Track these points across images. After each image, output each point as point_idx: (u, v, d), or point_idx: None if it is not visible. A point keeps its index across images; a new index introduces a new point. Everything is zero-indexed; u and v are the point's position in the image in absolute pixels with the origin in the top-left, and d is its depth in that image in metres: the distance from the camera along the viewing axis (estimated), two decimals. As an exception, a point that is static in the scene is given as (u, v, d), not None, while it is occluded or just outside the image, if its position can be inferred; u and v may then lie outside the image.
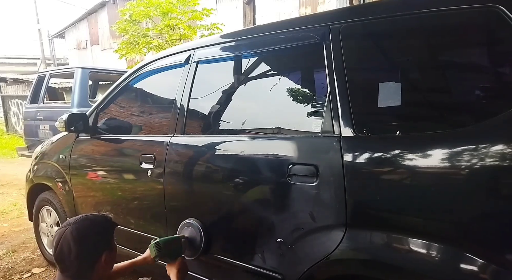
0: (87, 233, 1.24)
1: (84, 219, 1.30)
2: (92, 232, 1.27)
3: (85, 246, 1.22)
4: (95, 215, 1.37)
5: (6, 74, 15.41)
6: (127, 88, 2.26)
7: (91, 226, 1.28)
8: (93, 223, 1.30)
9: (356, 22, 1.34)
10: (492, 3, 1.04)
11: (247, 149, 1.53)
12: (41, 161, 2.68)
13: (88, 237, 1.24)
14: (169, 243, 1.54)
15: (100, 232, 1.30)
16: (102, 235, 1.31)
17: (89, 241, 1.24)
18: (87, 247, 1.22)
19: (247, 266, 1.52)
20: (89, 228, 1.27)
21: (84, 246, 1.21)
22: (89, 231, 1.26)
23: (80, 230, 1.23)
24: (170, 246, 1.54)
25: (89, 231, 1.26)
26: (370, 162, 1.17)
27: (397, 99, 1.20)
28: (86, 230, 1.25)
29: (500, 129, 1.00)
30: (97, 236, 1.28)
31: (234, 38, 1.80)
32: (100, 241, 1.28)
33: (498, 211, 0.99)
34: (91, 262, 1.23)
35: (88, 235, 1.24)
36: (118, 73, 5.85)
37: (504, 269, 0.96)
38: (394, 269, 1.12)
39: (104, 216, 1.38)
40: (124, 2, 12.41)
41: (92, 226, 1.29)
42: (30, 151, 6.47)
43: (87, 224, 1.28)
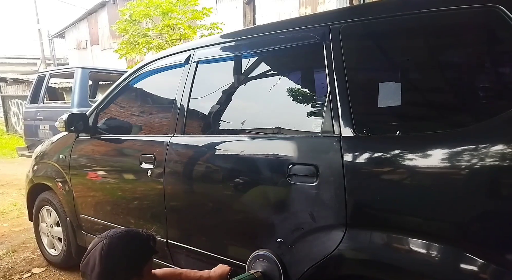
0: (116, 254, 1.12)
1: (121, 236, 1.17)
2: (124, 254, 1.14)
3: (109, 267, 1.10)
4: (136, 234, 1.22)
5: (6, 74, 15.42)
6: (127, 88, 2.26)
7: (125, 246, 1.16)
8: (129, 244, 1.17)
9: (356, 22, 1.34)
10: (492, 3, 1.04)
11: (247, 149, 1.54)
12: (41, 161, 2.68)
13: (116, 258, 1.12)
14: None
15: (132, 256, 1.16)
16: (134, 260, 1.16)
17: (116, 263, 1.12)
18: (111, 269, 1.11)
19: (247, 266, 1.52)
20: (122, 248, 1.14)
21: (108, 267, 1.10)
22: (120, 252, 1.13)
23: (111, 248, 1.12)
24: None
25: (119, 252, 1.13)
26: (370, 162, 1.17)
27: (397, 99, 1.20)
28: (117, 250, 1.13)
29: (500, 129, 1.00)
30: (127, 260, 1.15)
31: (234, 38, 1.80)
32: (129, 266, 1.15)
33: (498, 211, 0.99)
34: None
35: (117, 256, 1.12)
36: (118, 73, 5.85)
37: (504, 269, 0.96)
38: (394, 269, 1.12)
39: (147, 238, 1.22)
40: (124, 2, 12.41)
41: (126, 247, 1.15)
42: (30, 151, 6.48)
43: (122, 243, 1.15)
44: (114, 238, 1.15)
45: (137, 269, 1.16)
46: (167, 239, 1.82)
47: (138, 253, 1.18)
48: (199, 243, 1.73)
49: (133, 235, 1.20)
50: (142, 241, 1.21)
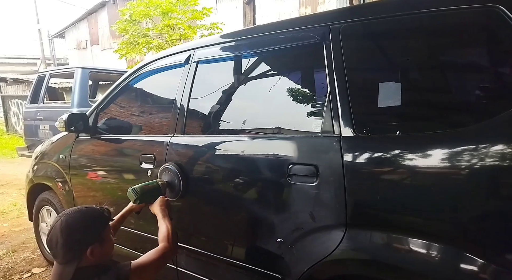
0: (74, 226, 1.27)
1: (76, 211, 1.32)
2: (80, 225, 1.28)
3: (69, 238, 1.24)
4: (89, 208, 1.37)
5: (6, 74, 15.42)
6: (127, 88, 2.26)
7: (80, 219, 1.30)
8: (83, 216, 1.31)
9: (356, 22, 1.34)
10: (492, 3, 1.04)
11: (247, 149, 1.54)
12: (41, 161, 2.68)
13: (74, 230, 1.26)
14: (146, 186, 1.59)
15: (89, 226, 1.31)
16: (91, 228, 1.31)
17: (74, 234, 1.26)
18: (71, 239, 1.25)
19: (247, 266, 1.52)
20: (78, 221, 1.29)
21: (68, 238, 1.24)
22: (77, 224, 1.28)
23: (69, 223, 1.26)
24: (148, 189, 1.59)
25: (76, 224, 1.28)
26: (370, 162, 1.17)
27: (397, 99, 1.20)
28: (74, 223, 1.27)
29: (500, 129, 1.00)
30: (84, 230, 1.29)
31: (234, 38, 1.80)
32: (87, 235, 1.29)
33: (498, 211, 0.99)
34: (75, 253, 1.26)
35: (74, 228, 1.26)
36: (118, 73, 5.85)
37: (504, 269, 0.96)
38: (394, 269, 1.12)
39: (100, 210, 1.38)
40: (124, 2, 12.41)
41: (81, 219, 1.30)
42: (30, 151, 6.47)
43: (77, 216, 1.30)
44: (70, 214, 1.30)
45: (94, 236, 1.30)
46: (167, 239, 1.82)
47: (93, 222, 1.33)
48: (199, 243, 1.73)
49: (87, 210, 1.36)
50: (95, 212, 1.36)
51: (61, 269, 1.26)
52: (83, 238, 1.28)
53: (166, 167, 1.72)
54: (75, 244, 1.26)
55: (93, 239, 1.29)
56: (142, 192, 1.57)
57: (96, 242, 1.29)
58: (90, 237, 1.29)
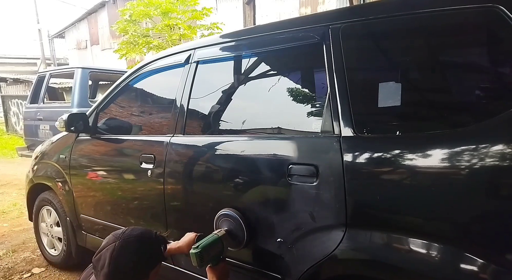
0: (125, 259, 1.17)
1: (134, 240, 1.21)
2: (131, 260, 1.18)
3: (116, 271, 1.16)
4: (149, 239, 1.25)
5: (6, 74, 15.42)
6: (127, 88, 2.26)
7: (136, 251, 1.20)
8: (139, 250, 1.21)
9: (356, 22, 1.34)
10: (492, 3, 1.04)
11: (247, 149, 1.54)
12: (41, 161, 2.68)
13: (124, 263, 1.17)
14: (211, 248, 1.38)
15: (140, 262, 1.20)
16: (142, 265, 1.21)
17: (123, 268, 1.17)
18: (117, 272, 1.16)
19: (247, 266, 1.52)
20: (131, 254, 1.19)
21: (115, 271, 1.15)
22: (129, 258, 1.18)
23: (122, 252, 1.17)
24: (213, 251, 1.39)
25: (128, 257, 1.18)
26: (370, 162, 1.17)
27: (397, 99, 1.20)
28: (127, 255, 1.17)
29: (500, 129, 1.00)
30: (135, 265, 1.19)
31: (234, 38, 1.80)
32: (137, 271, 1.19)
33: (498, 211, 0.98)
34: None
35: (125, 262, 1.17)
36: (118, 73, 5.86)
37: (504, 269, 0.96)
38: (394, 269, 1.12)
39: (157, 242, 1.25)
40: (124, 2, 12.41)
41: (136, 253, 1.20)
42: (30, 151, 6.48)
43: (134, 248, 1.20)
44: (126, 241, 1.19)
45: (144, 274, 1.20)
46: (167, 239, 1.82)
47: (147, 258, 1.22)
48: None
49: (146, 240, 1.24)
50: (153, 245, 1.24)
51: None
52: (131, 273, 1.18)
53: (225, 213, 1.51)
54: (119, 278, 1.17)
55: (140, 276, 1.20)
56: (207, 256, 1.34)
57: (143, 278, 1.20)
58: (137, 274, 1.20)
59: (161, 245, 1.28)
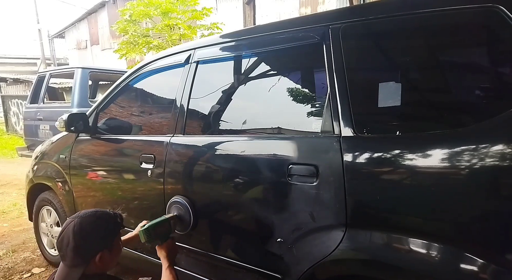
0: (87, 230, 1.26)
1: (91, 214, 1.32)
2: (93, 230, 1.28)
3: (81, 242, 1.24)
4: (104, 212, 1.37)
5: (6, 74, 15.42)
6: (127, 88, 2.26)
7: (94, 224, 1.30)
8: (98, 221, 1.31)
9: (356, 22, 1.34)
10: (492, 3, 1.04)
11: (247, 149, 1.53)
12: (41, 161, 2.68)
13: (87, 234, 1.26)
14: (158, 227, 1.55)
15: (101, 232, 1.30)
16: (103, 235, 1.31)
17: (87, 238, 1.26)
18: (83, 243, 1.25)
19: (247, 266, 1.52)
20: (91, 225, 1.28)
21: (80, 242, 1.24)
22: (90, 229, 1.27)
23: (82, 226, 1.26)
24: (159, 230, 1.56)
25: (89, 229, 1.27)
26: (370, 162, 1.17)
27: (397, 99, 1.20)
28: (87, 227, 1.27)
29: (500, 129, 1.00)
30: (96, 235, 1.29)
31: (234, 38, 1.80)
32: (99, 241, 1.29)
33: (498, 211, 0.98)
34: (85, 257, 1.26)
35: (87, 233, 1.26)
36: (118, 73, 5.85)
37: (504, 269, 0.96)
38: (394, 269, 1.12)
39: (114, 216, 1.37)
40: (124, 2, 12.41)
41: (95, 224, 1.30)
42: (30, 151, 6.48)
43: (92, 221, 1.30)
44: (84, 218, 1.30)
45: (106, 242, 1.31)
46: (167, 239, 1.82)
47: (106, 228, 1.33)
48: (199, 243, 1.73)
49: (101, 214, 1.35)
50: (109, 218, 1.35)
51: (66, 273, 1.25)
52: (95, 243, 1.28)
53: (175, 200, 1.69)
54: (86, 249, 1.25)
55: (104, 245, 1.29)
56: (154, 233, 1.53)
57: (106, 249, 1.29)
58: (102, 243, 1.29)
59: (116, 216, 1.38)
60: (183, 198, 1.68)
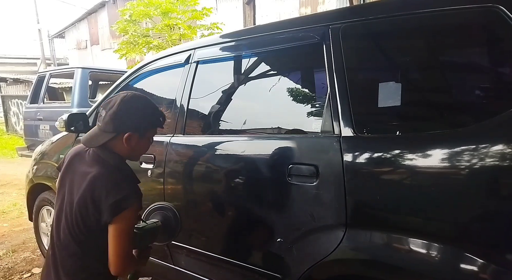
0: (133, 105, 1.24)
1: (145, 98, 1.32)
2: (138, 109, 1.25)
3: (122, 111, 1.21)
4: (155, 106, 1.34)
5: (6, 74, 15.42)
6: (127, 88, 2.26)
7: (142, 104, 1.28)
8: (147, 104, 1.30)
9: (356, 22, 1.34)
10: (492, 3, 1.04)
11: (247, 149, 1.53)
12: (41, 161, 2.68)
13: (131, 108, 1.23)
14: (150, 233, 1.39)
15: (144, 114, 1.27)
16: (143, 118, 1.27)
17: (129, 111, 1.23)
18: (123, 113, 1.21)
19: (247, 266, 1.52)
20: (139, 103, 1.27)
21: (121, 111, 1.21)
22: (136, 105, 1.25)
23: (132, 99, 1.24)
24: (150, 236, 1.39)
25: (136, 105, 1.25)
26: (370, 162, 1.17)
27: (397, 99, 1.20)
28: (135, 103, 1.25)
29: (500, 129, 1.00)
30: (138, 114, 1.25)
31: (234, 38, 1.80)
32: (137, 120, 1.25)
33: (498, 211, 0.99)
34: (117, 127, 1.22)
35: (132, 106, 1.23)
36: (118, 73, 5.86)
37: (504, 269, 0.96)
38: (394, 269, 1.12)
39: (161, 114, 1.34)
40: (124, 2, 12.41)
41: (143, 105, 1.28)
42: (30, 151, 6.48)
43: (142, 101, 1.29)
44: (138, 95, 1.29)
45: (141, 128, 1.26)
46: (167, 239, 1.82)
47: (149, 114, 1.29)
48: (199, 243, 1.73)
49: (152, 104, 1.33)
50: (157, 112, 1.32)
51: (96, 134, 1.24)
52: (133, 119, 1.24)
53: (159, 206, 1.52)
54: (122, 120, 1.22)
55: (138, 127, 1.25)
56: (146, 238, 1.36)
57: (138, 133, 1.25)
58: (137, 124, 1.25)
59: (163, 117, 1.35)
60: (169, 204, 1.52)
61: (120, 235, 1.16)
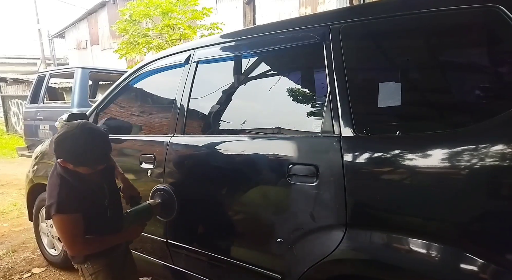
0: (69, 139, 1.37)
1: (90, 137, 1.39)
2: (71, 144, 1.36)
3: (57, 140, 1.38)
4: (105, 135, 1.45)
5: (6, 74, 15.42)
6: (127, 88, 2.26)
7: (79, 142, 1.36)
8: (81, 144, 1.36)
9: (356, 22, 1.34)
10: (492, 3, 1.04)
11: (247, 149, 1.53)
12: (41, 161, 2.68)
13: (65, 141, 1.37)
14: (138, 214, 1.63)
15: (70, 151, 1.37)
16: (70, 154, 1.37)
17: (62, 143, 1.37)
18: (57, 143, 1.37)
19: (247, 266, 1.52)
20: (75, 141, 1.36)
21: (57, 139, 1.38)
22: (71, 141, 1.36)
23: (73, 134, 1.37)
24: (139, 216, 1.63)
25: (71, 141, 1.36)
26: (370, 162, 1.17)
27: (397, 99, 1.20)
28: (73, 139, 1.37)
29: (500, 129, 1.00)
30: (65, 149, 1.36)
31: (234, 38, 1.79)
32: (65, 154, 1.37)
33: (498, 211, 0.99)
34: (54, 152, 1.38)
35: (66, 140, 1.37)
36: (118, 73, 5.85)
37: (504, 269, 0.96)
38: (394, 269, 1.12)
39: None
40: (124, 2, 12.41)
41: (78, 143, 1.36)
42: (30, 151, 6.47)
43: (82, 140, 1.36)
44: (85, 132, 1.39)
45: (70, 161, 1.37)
46: (167, 239, 1.82)
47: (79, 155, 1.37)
48: (199, 243, 1.73)
49: (93, 143, 1.39)
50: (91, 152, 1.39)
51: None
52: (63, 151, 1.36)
53: (159, 187, 1.76)
54: (57, 146, 1.37)
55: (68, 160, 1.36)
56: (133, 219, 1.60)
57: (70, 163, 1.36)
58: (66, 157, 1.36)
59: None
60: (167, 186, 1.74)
61: (59, 231, 1.37)
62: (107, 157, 1.48)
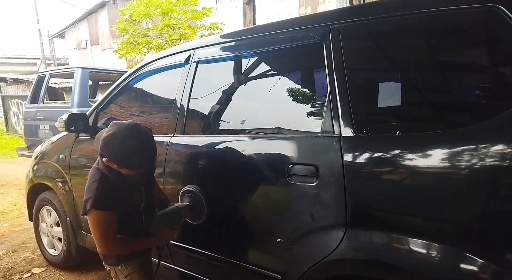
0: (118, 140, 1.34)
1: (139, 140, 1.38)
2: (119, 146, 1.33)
3: (106, 140, 1.35)
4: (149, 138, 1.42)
5: (6, 74, 15.42)
6: (127, 88, 2.26)
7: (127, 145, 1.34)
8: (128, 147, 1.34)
9: (356, 22, 1.34)
10: (492, 3, 1.04)
11: (247, 149, 1.54)
12: (41, 161, 2.68)
13: (114, 141, 1.34)
14: (169, 217, 1.57)
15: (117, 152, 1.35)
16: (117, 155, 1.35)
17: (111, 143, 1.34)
18: (106, 142, 1.35)
19: (247, 266, 1.52)
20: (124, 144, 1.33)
21: (106, 139, 1.35)
22: (120, 143, 1.33)
23: (123, 135, 1.33)
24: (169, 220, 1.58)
25: (120, 142, 1.33)
26: (370, 162, 1.17)
27: (397, 99, 1.20)
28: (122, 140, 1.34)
29: (500, 129, 1.00)
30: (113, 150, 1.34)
31: (234, 38, 1.80)
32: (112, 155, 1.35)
33: (498, 211, 0.99)
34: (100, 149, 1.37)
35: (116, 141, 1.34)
36: (118, 73, 5.85)
37: (504, 269, 0.96)
38: (394, 269, 1.12)
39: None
40: (124, 2, 12.41)
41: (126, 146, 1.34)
42: (30, 151, 6.47)
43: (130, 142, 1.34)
44: (136, 134, 1.36)
45: (116, 162, 1.37)
46: (167, 239, 1.82)
47: (125, 157, 1.36)
48: (199, 243, 1.73)
49: (140, 147, 1.38)
50: (137, 155, 1.38)
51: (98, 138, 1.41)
52: (111, 151, 1.34)
53: (187, 189, 1.68)
54: (105, 146, 1.35)
55: (114, 160, 1.35)
56: (165, 223, 1.55)
57: (115, 163, 1.37)
58: (113, 158, 1.35)
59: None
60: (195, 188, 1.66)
61: (92, 227, 1.38)
62: (153, 161, 1.46)
